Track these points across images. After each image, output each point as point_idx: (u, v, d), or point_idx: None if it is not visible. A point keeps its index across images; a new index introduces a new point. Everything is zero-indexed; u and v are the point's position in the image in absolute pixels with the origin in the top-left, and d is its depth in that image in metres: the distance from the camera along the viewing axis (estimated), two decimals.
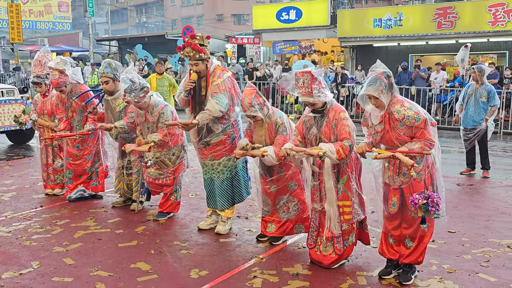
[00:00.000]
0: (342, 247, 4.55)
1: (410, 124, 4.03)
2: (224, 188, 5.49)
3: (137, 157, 6.21)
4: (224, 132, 5.37)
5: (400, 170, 4.17)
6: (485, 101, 8.33)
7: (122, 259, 4.84)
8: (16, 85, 20.34)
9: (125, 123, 6.02)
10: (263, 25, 24.32)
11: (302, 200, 5.08)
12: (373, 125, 4.24)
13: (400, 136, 4.08)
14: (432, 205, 3.88)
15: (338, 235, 4.52)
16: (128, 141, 6.20)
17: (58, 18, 39.99)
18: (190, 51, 5.17)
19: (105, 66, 6.11)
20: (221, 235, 5.49)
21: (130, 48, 27.40)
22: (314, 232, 4.64)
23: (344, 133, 4.33)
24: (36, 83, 6.87)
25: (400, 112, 4.06)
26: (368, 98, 4.15)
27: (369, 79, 4.11)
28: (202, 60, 5.22)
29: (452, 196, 7.16)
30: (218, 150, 5.40)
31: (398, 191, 4.22)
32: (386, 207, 4.33)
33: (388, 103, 4.12)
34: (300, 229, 5.18)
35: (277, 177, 5.04)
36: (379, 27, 20.13)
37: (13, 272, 4.53)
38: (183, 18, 50.89)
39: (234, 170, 5.50)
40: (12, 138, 11.89)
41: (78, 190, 6.74)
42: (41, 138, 7.02)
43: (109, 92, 6.17)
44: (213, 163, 5.45)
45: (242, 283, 4.33)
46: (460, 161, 9.71)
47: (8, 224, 5.88)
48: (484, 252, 5.06)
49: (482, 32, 18.16)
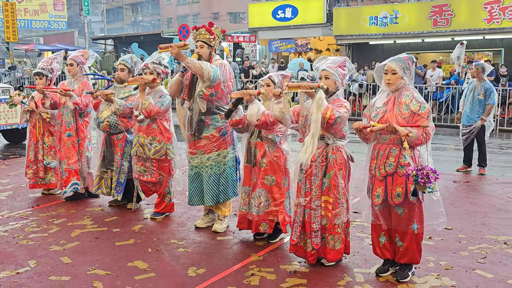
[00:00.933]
0: (319, 242, 4.50)
1: (414, 109, 4.08)
2: (211, 183, 5.43)
3: (118, 155, 6.24)
4: (215, 126, 5.37)
5: (387, 160, 4.18)
6: (482, 99, 8.36)
7: (119, 257, 4.83)
8: (12, 84, 20.28)
9: (124, 103, 6.06)
10: (259, 23, 24.29)
11: (274, 199, 5.01)
12: (376, 108, 4.27)
13: (400, 119, 4.09)
14: (422, 176, 3.87)
15: (317, 229, 4.49)
16: (115, 133, 6.22)
17: (53, 17, 39.87)
18: (202, 30, 5.30)
19: (128, 57, 6.39)
20: (218, 233, 5.49)
21: (125, 47, 27.38)
22: (298, 228, 4.57)
23: (339, 110, 4.28)
24: (39, 74, 6.87)
25: (408, 96, 4.14)
26: (384, 72, 4.20)
27: (394, 57, 4.25)
28: (208, 46, 5.31)
29: (448, 193, 7.18)
30: (209, 143, 5.38)
31: (383, 183, 4.23)
32: (371, 198, 4.34)
33: (400, 87, 4.17)
34: (265, 227, 5.08)
35: (258, 168, 5.01)
36: (375, 25, 20.14)
37: (10, 271, 4.52)
38: (179, 17, 50.82)
39: (223, 167, 5.44)
40: (8, 137, 11.85)
41: (72, 184, 6.70)
42: (25, 87, 7.04)
43: (120, 80, 6.26)
44: (202, 157, 5.42)
45: (240, 281, 4.33)
46: (456, 158, 9.75)
47: (5, 223, 5.86)
48: (481, 249, 5.07)
49: (477, 29, 18.19)
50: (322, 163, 4.44)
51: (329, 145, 4.43)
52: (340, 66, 4.48)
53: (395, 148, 4.13)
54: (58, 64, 7.01)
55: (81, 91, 6.63)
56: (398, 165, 4.13)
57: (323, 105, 4.19)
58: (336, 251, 4.54)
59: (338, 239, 4.52)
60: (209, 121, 5.37)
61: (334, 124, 4.25)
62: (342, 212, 4.50)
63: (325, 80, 4.46)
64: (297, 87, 4.31)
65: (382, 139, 4.22)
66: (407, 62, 4.20)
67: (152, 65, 5.83)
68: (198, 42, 5.33)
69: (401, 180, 4.12)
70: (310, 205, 4.47)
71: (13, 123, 10.40)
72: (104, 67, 26.65)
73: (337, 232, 4.51)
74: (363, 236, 5.38)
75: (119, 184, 6.27)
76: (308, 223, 4.50)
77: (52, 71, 6.94)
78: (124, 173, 6.25)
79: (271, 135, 4.98)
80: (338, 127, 4.35)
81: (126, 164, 6.24)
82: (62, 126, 6.66)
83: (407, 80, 4.20)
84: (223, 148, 5.42)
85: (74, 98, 6.49)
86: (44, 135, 6.95)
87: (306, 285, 4.24)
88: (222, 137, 5.41)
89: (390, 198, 4.19)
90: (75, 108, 6.50)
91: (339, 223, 4.50)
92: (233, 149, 5.54)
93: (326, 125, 4.28)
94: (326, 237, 4.53)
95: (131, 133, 6.21)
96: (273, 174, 5.00)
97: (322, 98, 4.20)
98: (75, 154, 6.67)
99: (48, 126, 6.94)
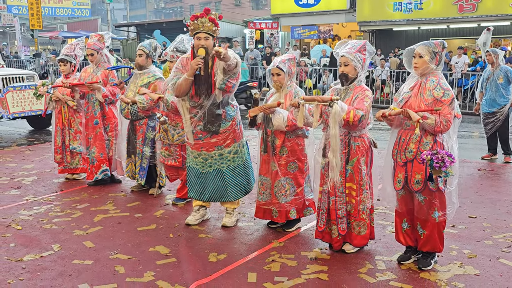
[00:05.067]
0: (345, 228, 4.51)
1: (438, 96, 4.03)
2: (237, 175, 5.19)
3: (140, 140, 6.27)
4: (231, 118, 5.09)
5: (408, 146, 4.14)
6: (504, 82, 8.21)
7: (141, 242, 4.88)
8: (36, 71, 20.53)
9: (146, 99, 6.03)
10: (281, 9, 24.12)
11: (299, 184, 5.01)
12: (404, 93, 4.23)
13: (422, 106, 4.05)
14: (437, 161, 3.83)
15: (343, 215, 4.48)
16: (137, 119, 6.24)
17: (77, 4, 40.20)
18: (206, 21, 4.77)
19: (147, 42, 6.34)
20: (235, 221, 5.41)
21: (148, 34, 27.42)
22: (324, 215, 4.58)
23: (362, 105, 4.28)
24: (62, 60, 6.94)
25: (433, 82, 4.09)
26: (413, 56, 4.17)
27: (425, 41, 4.21)
28: (213, 37, 4.86)
29: (473, 181, 7.07)
30: (227, 136, 5.07)
31: (404, 168, 4.20)
32: (392, 183, 4.33)
33: (427, 72, 4.13)
34: (294, 213, 5.07)
35: (279, 156, 4.97)
36: (399, 10, 19.84)
37: (34, 254, 4.59)
38: (201, 4, 50.70)
39: (244, 157, 5.24)
40: (32, 123, 12.01)
41: (102, 170, 6.78)
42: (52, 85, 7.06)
43: (139, 66, 6.25)
44: (223, 151, 5.09)
45: (260, 266, 4.33)
46: (481, 146, 9.59)
47: (29, 207, 5.95)
48: (506, 238, 4.99)
49: (504, 15, 17.80)
50: (344, 150, 4.41)
51: (351, 132, 4.39)
52: (359, 51, 4.41)
53: (416, 135, 4.08)
54: (81, 50, 7.05)
55: (105, 77, 6.67)
56: (417, 152, 4.08)
57: (341, 113, 4.16)
58: (361, 237, 4.54)
59: (363, 224, 4.51)
60: (225, 113, 5.03)
61: (359, 123, 4.24)
62: (366, 198, 4.49)
63: (344, 67, 4.41)
64: (312, 100, 4.34)
65: (405, 125, 4.17)
66: (435, 45, 4.13)
67: (171, 53, 5.85)
68: (200, 33, 4.79)
69: (421, 167, 4.07)
70: (334, 192, 4.45)
71: (37, 109, 10.51)
72: (127, 54, 26.79)
73: (362, 218, 4.49)
74: (385, 224, 5.34)
75: (142, 169, 6.32)
76: (333, 210, 4.50)
77: (75, 57, 6.99)
78: (146, 158, 6.28)
79: (300, 131, 4.95)
80: (365, 123, 4.33)
81: (148, 150, 6.27)
82: (90, 113, 6.72)
83: (435, 66, 4.13)
84: (241, 138, 5.21)
85: (102, 91, 6.54)
86: (70, 121, 7.03)
87: (327, 272, 4.22)
88: (237, 127, 5.18)
89: (410, 184, 4.15)
90: (105, 100, 6.58)
91: (364, 209, 4.49)
92: (245, 139, 5.36)
93: (352, 127, 4.28)
94: (352, 223, 4.53)
95: (153, 119, 6.23)
96: (295, 160, 4.98)
97: (338, 112, 4.16)
98: (103, 141, 6.73)
99: (74, 112, 7.01)
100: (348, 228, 4.54)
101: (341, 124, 4.23)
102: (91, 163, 6.78)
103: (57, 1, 39.27)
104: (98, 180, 6.82)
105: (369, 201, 4.52)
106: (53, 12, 40.30)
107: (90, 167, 6.80)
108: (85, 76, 6.75)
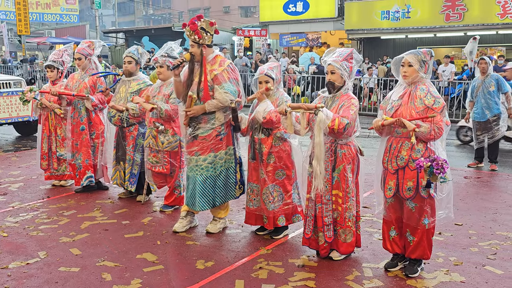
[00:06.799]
0: (331, 235, 4.52)
1: (429, 104, 4.07)
2: (206, 187, 5.12)
3: (131, 147, 6.26)
4: (213, 126, 5.08)
5: (399, 153, 4.17)
6: (495, 90, 8.27)
7: (128, 249, 4.85)
8: (24, 77, 20.41)
9: (138, 106, 6.02)
10: (270, 17, 24.24)
11: (287, 191, 5.04)
12: (392, 101, 4.26)
13: (413, 113, 4.08)
14: (437, 167, 3.87)
15: (329, 223, 4.49)
16: (127, 126, 6.23)
17: (65, 10, 40.08)
18: (188, 30, 5.01)
19: (134, 49, 6.36)
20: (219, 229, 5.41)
21: (137, 40, 27.41)
22: (310, 222, 4.58)
23: (347, 113, 4.30)
24: (50, 67, 6.92)
25: (423, 90, 4.14)
26: (401, 65, 4.22)
27: (412, 50, 4.26)
28: (198, 44, 5.01)
29: (459, 189, 7.13)
30: (206, 144, 5.08)
31: (395, 176, 4.22)
32: (383, 190, 4.35)
33: (416, 80, 4.17)
34: (282, 220, 5.09)
35: (266, 163, 5.00)
36: (386, 19, 20.02)
37: (20, 262, 4.55)
38: (190, 10, 50.83)
39: (220, 169, 5.16)
40: (19, 129, 11.93)
41: (87, 177, 6.75)
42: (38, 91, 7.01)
43: (128, 73, 6.27)
44: (198, 158, 5.11)
45: (248, 274, 4.33)
46: (467, 154, 9.67)
47: (16, 214, 5.90)
48: (491, 245, 5.03)
49: (491, 24, 18.00)
50: (331, 158, 4.43)
51: (337, 140, 4.42)
52: (346, 59, 4.44)
53: (407, 142, 4.11)
54: (69, 56, 7.03)
55: (93, 84, 6.65)
56: (409, 159, 4.12)
57: (327, 121, 4.19)
58: (348, 244, 4.56)
59: (349, 232, 4.53)
60: (207, 120, 5.07)
61: (345, 131, 4.26)
62: (352, 205, 4.51)
63: (330, 75, 4.44)
64: (298, 108, 4.37)
65: (395, 132, 4.21)
66: (425, 55, 4.18)
67: (162, 58, 5.83)
68: (190, 41, 5.07)
69: (413, 174, 4.11)
70: (321, 199, 4.47)
71: (24, 115, 10.45)
72: (116, 60, 26.73)
73: (348, 225, 4.51)
74: (372, 231, 5.37)
75: (133, 176, 6.30)
76: (319, 217, 4.51)
77: (63, 63, 6.97)
78: (137, 164, 6.27)
79: (279, 133, 4.97)
80: (351, 131, 4.35)
81: (138, 156, 6.26)
82: (76, 119, 6.69)
83: (424, 74, 4.17)
84: (221, 149, 5.14)
85: (92, 100, 6.52)
86: (56, 128, 6.99)
87: (314, 279, 4.23)
88: (220, 138, 5.13)
89: (401, 191, 4.18)
90: (94, 108, 6.56)
91: (350, 217, 4.50)
92: (232, 149, 5.24)
93: (336, 134, 4.30)
94: (338, 230, 4.55)
95: (144, 126, 6.22)
96: (283, 168, 5.00)
97: (323, 120, 4.18)
98: (89, 147, 6.70)
99: (61, 119, 6.97)
100: (334, 236, 4.55)
101: (327, 131, 4.26)
102: (78, 169, 6.75)
103: (45, 7, 39.14)
104: (85, 187, 6.78)
105: (354, 208, 4.54)
106: (41, 18, 40.14)
107: (78, 173, 6.77)
108: (73, 84, 6.72)
